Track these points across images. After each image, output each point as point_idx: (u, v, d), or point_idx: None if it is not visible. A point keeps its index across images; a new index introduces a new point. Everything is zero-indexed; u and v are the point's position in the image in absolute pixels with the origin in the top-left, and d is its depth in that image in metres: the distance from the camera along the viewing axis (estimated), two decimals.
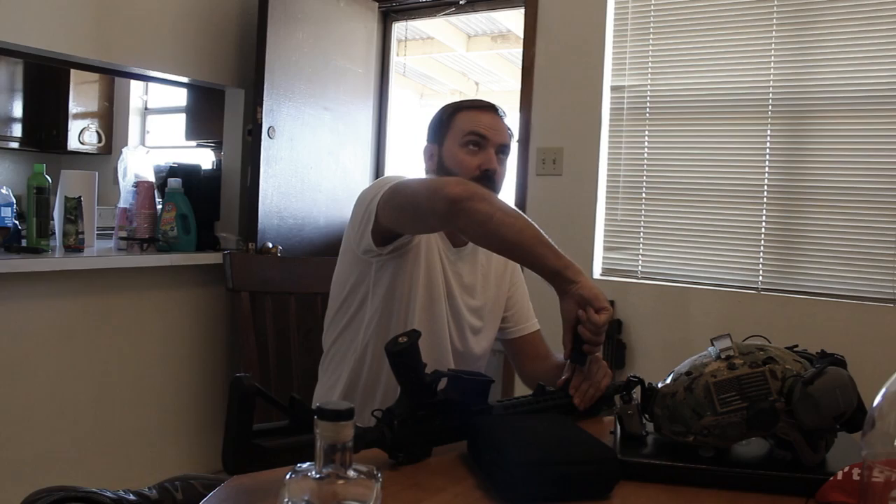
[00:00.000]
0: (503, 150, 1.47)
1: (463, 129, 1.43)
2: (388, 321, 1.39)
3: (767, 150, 2.55)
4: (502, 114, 1.49)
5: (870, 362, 1.51)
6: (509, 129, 1.49)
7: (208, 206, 2.96)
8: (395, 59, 3.60)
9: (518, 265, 1.57)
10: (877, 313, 2.33)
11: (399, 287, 1.38)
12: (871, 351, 2.20)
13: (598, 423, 1.22)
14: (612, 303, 2.74)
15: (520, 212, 1.20)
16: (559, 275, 1.14)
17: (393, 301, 1.39)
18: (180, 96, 4.24)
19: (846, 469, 0.90)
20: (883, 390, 0.74)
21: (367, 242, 1.33)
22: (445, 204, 1.17)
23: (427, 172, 1.49)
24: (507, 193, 3.02)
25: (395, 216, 1.28)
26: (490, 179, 1.41)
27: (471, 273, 1.49)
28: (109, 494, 0.95)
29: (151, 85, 4.57)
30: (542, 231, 1.18)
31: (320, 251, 3.02)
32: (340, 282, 1.44)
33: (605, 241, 2.85)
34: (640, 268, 2.79)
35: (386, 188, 1.29)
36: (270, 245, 2.84)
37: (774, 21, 2.53)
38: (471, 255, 1.49)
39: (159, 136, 4.76)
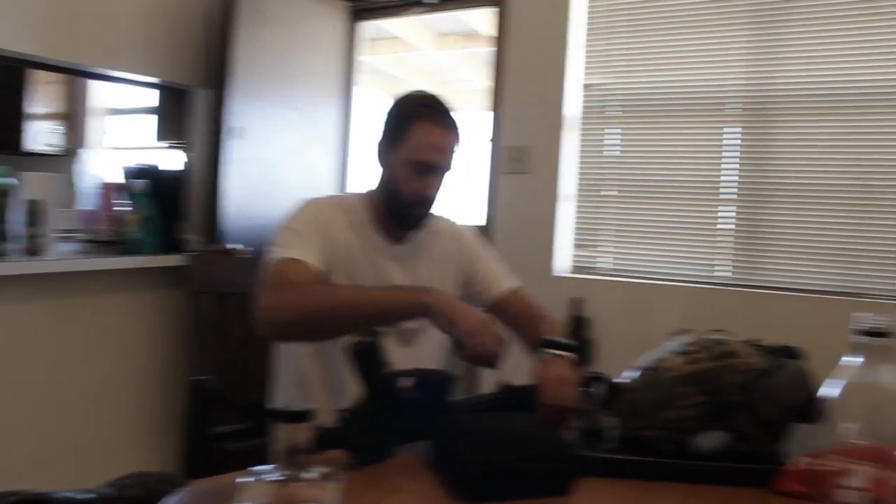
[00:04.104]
0: (447, 168, 1.47)
1: (416, 148, 1.42)
2: None
3: (738, 148, 2.58)
4: (455, 121, 1.46)
5: (833, 356, 1.53)
6: (457, 138, 1.46)
7: (173, 208, 2.91)
8: (364, 59, 3.58)
9: (469, 245, 1.58)
10: (837, 307, 2.38)
11: None
12: (832, 344, 2.24)
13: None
14: (580, 300, 2.77)
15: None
16: (415, 299, 1.21)
17: None
18: (146, 97, 4.17)
19: (801, 459, 0.92)
20: (830, 382, 0.76)
21: None
22: (267, 330, 1.25)
23: (381, 168, 1.49)
24: (477, 192, 3.02)
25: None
26: (425, 205, 1.45)
27: (413, 269, 1.49)
28: (65, 494, 0.94)
29: (116, 85, 4.48)
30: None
31: None
32: None
33: (574, 239, 2.87)
34: (607, 265, 2.81)
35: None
36: (237, 246, 2.80)
37: (743, 19, 2.56)
38: (415, 248, 1.50)
39: (124, 137, 4.68)
